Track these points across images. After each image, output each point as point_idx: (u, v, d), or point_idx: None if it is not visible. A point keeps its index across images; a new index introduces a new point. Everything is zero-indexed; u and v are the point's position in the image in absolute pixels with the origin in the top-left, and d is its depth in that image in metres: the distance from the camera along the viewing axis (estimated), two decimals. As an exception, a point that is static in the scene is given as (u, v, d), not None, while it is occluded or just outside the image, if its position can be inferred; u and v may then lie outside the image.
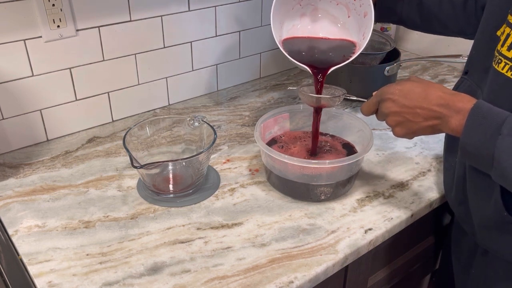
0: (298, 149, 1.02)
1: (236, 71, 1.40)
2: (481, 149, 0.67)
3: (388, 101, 0.78)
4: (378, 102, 0.81)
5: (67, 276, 0.77)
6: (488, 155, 0.66)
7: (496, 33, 0.75)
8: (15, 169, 1.02)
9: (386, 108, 0.78)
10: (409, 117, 0.76)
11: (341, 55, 0.95)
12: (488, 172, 0.69)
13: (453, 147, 0.88)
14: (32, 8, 0.98)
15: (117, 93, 1.18)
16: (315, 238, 0.85)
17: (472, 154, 0.69)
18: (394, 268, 1.09)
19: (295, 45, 0.97)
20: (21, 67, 1.02)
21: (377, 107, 0.82)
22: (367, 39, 0.90)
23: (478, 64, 0.82)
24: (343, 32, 0.98)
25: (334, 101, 0.94)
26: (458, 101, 0.71)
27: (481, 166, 0.70)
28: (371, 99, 0.83)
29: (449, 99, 0.72)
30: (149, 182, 0.94)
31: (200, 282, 0.76)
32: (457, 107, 0.71)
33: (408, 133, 0.78)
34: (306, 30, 0.99)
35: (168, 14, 1.18)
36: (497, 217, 0.76)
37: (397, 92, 0.77)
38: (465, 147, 0.69)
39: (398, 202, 0.95)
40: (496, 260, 0.83)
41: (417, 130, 0.77)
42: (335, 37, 0.98)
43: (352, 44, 0.96)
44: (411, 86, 0.76)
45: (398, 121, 0.78)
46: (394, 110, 0.77)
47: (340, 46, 0.97)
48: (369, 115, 0.85)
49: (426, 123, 0.75)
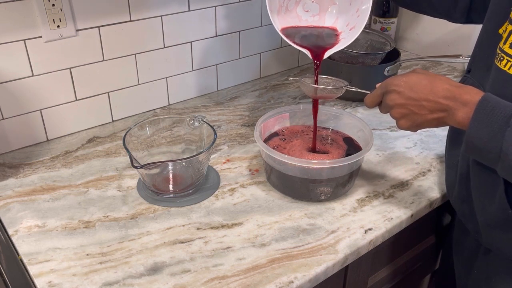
0: (300, 141, 1.02)
1: (236, 71, 1.40)
2: (488, 142, 0.67)
3: (393, 93, 0.77)
4: (383, 94, 0.80)
5: (67, 276, 0.77)
6: (496, 148, 0.66)
7: (498, 31, 0.75)
8: (15, 169, 1.02)
9: (391, 100, 0.78)
10: (415, 109, 0.75)
11: (332, 39, 0.97)
12: (493, 167, 0.69)
13: (456, 143, 0.88)
14: (32, 8, 0.98)
15: (117, 93, 1.18)
16: (315, 238, 0.85)
17: (478, 148, 0.69)
18: (394, 268, 1.09)
19: (292, 32, 0.99)
20: (21, 67, 1.02)
21: (381, 99, 0.81)
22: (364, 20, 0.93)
23: (481, 62, 0.81)
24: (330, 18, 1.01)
25: (336, 92, 0.93)
26: (465, 93, 0.70)
27: (487, 160, 0.69)
28: (375, 90, 0.82)
29: (455, 91, 0.71)
30: (149, 182, 0.94)
31: (200, 282, 0.76)
32: (464, 99, 0.70)
33: (412, 126, 0.77)
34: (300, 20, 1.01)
35: (168, 14, 1.18)
36: (501, 214, 0.76)
37: (403, 84, 0.76)
38: (471, 140, 0.69)
39: (398, 202, 0.95)
40: (498, 260, 0.83)
41: (422, 123, 0.76)
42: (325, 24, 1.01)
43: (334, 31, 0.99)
44: (417, 78, 0.75)
45: (403, 113, 0.77)
46: (399, 102, 0.76)
47: (328, 33, 1.00)
48: (373, 107, 0.84)
49: (431, 116, 0.74)
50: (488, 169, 0.73)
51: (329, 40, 0.97)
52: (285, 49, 1.47)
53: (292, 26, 0.99)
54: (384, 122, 1.21)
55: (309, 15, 1.00)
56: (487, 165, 0.72)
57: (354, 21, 0.96)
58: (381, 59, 1.34)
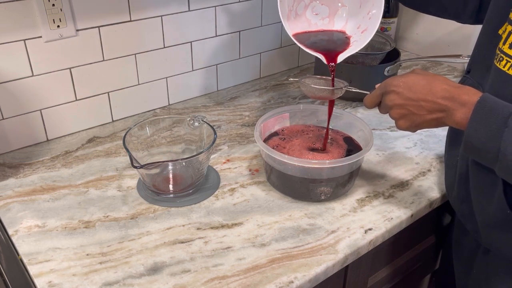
0: (300, 141, 1.02)
1: (236, 71, 1.40)
2: (487, 142, 0.67)
3: (392, 94, 0.78)
4: (382, 94, 0.80)
5: (67, 276, 0.77)
6: (494, 148, 0.66)
7: (498, 32, 0.76)
8: (15, 169, 1.02)
9: (390, 100, 0.78)
10: (413, 109, 0.75)
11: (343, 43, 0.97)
12: (491, 167, 0.69)
13: (455, 144, 0.88)
14: (32, 8, 0.98)
15: (117, 93, 1.18)
16: (315, 238, 0.85)
17: (476, 148, 0.69)
18: (394, 268, 1.09)
19: (304, 38, 0.99)
20: (21, 67, 1.02)
21: (381, 100, 0.81)
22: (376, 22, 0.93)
23: (480, 62, 0.82)
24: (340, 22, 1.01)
25: (336, 92, 0.93)
26: (463, 93, 0.71)
27: (485, 160, 0.70)
28: (375, 91, 0.82)
29: (454, 91, 0.71)
30: (149, 182, 0.94)
31: (200, 282, 0.76)
32: (463, 100, 0.70)
33: (411, 126, 0.78)
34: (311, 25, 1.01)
35: (168, 14, 1.18)
36: (500, 215, 0.76)
37: (402, 85, 0.76)
38: (469, 141, 0.69)
39: (398, 202, 0.95)
40: (497, 260, 0.83)
41: (421, 123, 0.76)
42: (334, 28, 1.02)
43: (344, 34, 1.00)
44: (416, 79, 0.76)
45: (402, 113, 0.77)
46: (398, 103, 0.77)
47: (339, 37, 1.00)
48: (372, 107, 0.84)
49: (430, 116, 0.74)
50: (487, 169, 0.73)
51: (341, 43, 0.97)
52: (285, 49, 1.47)
53: (304, 32, 0.99)
54: (384, 122, 1.21)
55: (319, 18, 1.00)
56: (485, 165, 0.72)
57: (365, 23, 0.96)
58: (381, 59, 1.34)
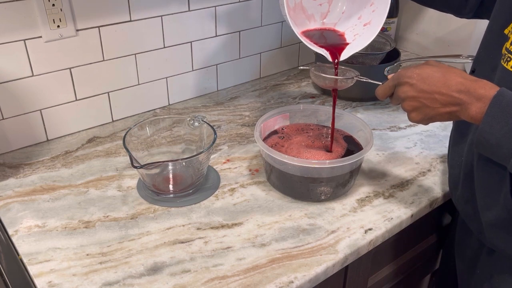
0: (299, 139, 1.02)
1: (236, 71, 1.40)
2: (502, 138, 0.65)
3: (406, 85, 0.76)
4: (395, 85, 0.79)
5: (67, 276, 0.77)
6: (509, 144, 0.65)
7: (504, 32, 0.75)
8: (15, 169, 1.02)
9: (403, 92, 0.76)
10: (427, 102, 0.73)
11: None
12: (504, 163, 0.68)
13: (460, 143, 0.87)
14: (32, 8, 0.98)
15: (117, 93, 1.18)
16: (315, 238, 0.85)
17: (489, 143, 0.67)
18: (394, 268, 1.09)
19: (310, 35, 0.99)
20: (21, 67, 1.02)
21: (393, 91, 0.80)
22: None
23: (486, 62, 0.81)
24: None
25: (347, 82, 0.93)
26: (479, 87, 0.69)
27: (498, 156, 0.68)
28: (387, 82, 0.81)
29: (470, 85, 0.69)
30: (149, 182, 0.94)
31: (200, 282, 0.76)
32: (478, 94, 0.68)
33: (424, 119, 0.76)
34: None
35: (168, 14, 1.18)
36: (505, 215, 0.75)
37: (416, 76, 0.75)
38: (483, 136, 0.67)
39: (398, 202, 0.95)
40: (502, 260, 0.83)
41: (434, 116, 0.74)
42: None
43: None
44: (431, 71, 0.74)
45: (414, 106, 0.76)
46: (411, 95, 0.75)
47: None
48: (384, 98, 0.83)
49: (444, 109, 0.72)
50: (493, 169, 0.72)
51: (341, 38, 0.97)
52: (285, 49, 1.47)
53: (307, 30, 0.99)
54: (384, 122, 1.21)
55: (317, 3, 1.00)
56: (497, 161, 0.70)
57: (368, 16, 0.95)
58: (381, 59, 1.34)
